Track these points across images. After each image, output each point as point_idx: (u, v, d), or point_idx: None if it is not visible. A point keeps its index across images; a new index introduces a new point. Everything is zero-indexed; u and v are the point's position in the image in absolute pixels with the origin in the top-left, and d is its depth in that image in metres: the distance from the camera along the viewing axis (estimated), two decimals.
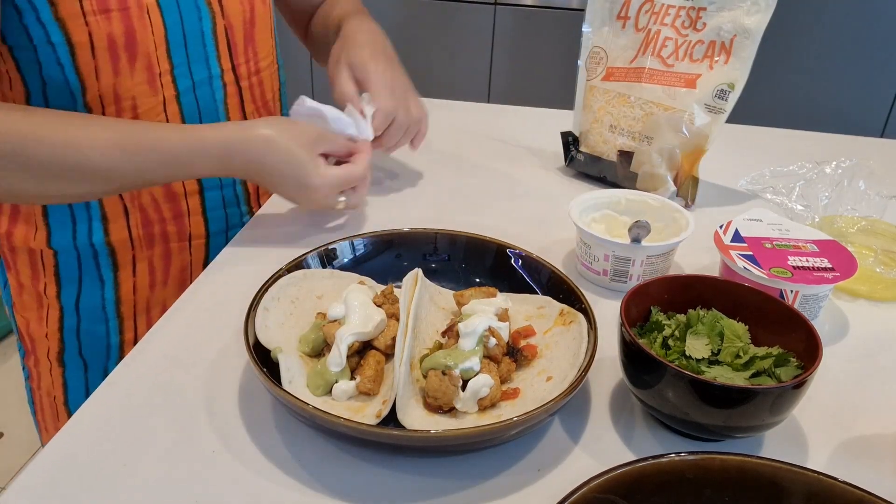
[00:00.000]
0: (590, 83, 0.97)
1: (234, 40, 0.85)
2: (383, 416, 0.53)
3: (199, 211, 0.88)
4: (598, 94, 0.96)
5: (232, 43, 0.85)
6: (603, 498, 0.42)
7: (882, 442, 0.56)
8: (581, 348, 0.57)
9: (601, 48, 0.96)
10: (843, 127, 1.35)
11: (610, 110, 0.94)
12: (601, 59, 0.96)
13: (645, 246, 0.70)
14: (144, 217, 0.84)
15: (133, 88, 0.77)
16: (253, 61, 0.88)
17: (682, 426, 0.55)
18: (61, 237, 0.83)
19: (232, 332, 0.65)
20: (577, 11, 2.22)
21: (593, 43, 0.97)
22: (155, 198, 0.84)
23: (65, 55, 0.72)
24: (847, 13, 2.04)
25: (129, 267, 0.86)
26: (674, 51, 0.89)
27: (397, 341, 0.56)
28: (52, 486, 0.50)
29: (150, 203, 0.84)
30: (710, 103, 0.88)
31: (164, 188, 0.84)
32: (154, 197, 0.84)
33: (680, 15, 0.89)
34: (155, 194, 0.84)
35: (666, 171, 0.89)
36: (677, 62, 0.89)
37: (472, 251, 0.71)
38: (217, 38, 0.83)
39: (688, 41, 0.89)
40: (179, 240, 0.88)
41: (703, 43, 0.88)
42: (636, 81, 0.91)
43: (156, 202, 0.84)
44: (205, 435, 0.54)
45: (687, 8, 0.89)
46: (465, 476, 0.52)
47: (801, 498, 0.43)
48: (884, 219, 0.85)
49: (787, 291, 0.66)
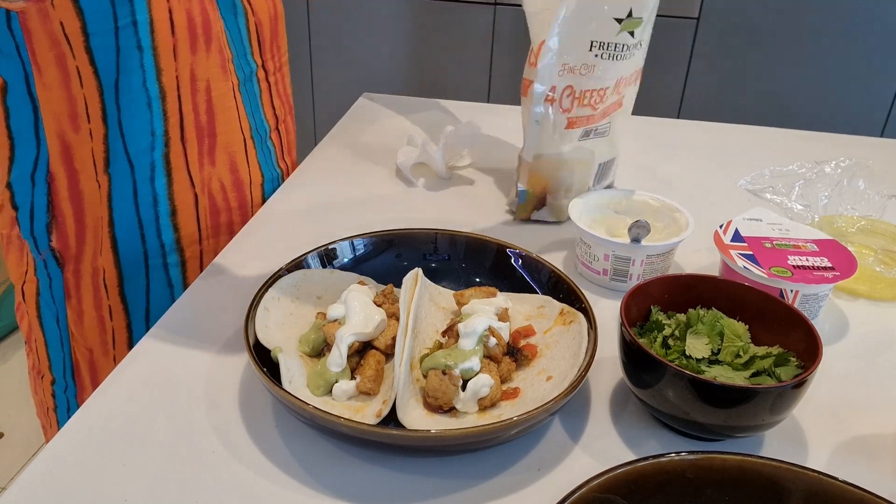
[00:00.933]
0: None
1: (263, 37, 0.86)
2: (383, 416, 0.53)
3: (260, 203, 0.89)
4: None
5: (262, 39, 0.86)
6: (603, 498, 0.42)
7: (882, 441, 0.56)
8: (581, 348, 0.57)
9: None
10: (842, 127, 1.35)
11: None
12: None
13: (645, 246, 0.70)
14: (213, 206, 0.83)
15: (209, 70, 0.76)
16: (277, 56, 0.90)
17: (682, 426, 0.55)
18: (129, 244, 0.78)
19: (232, 332, 0.65)
20: None
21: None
22: (223, 185, 0.83)
23: (145, 35, 0.70)
24: (847, 13, 2.05)
25: (196, 264, 0.83)
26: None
27: (397, 341, 0.56)
28: (53, 486, 0.50)
29: (218, 190, 0.83)
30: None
31: (232, 176, 0.84)
32: (223, 184, 0.83)
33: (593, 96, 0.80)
34: (224, 182, 0.83)
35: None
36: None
37: (472, 251, 0.71)
38: (251, 35, 0.84)
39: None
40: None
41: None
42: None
43: (224, 190, 0.83)
44: (205, 435, 0.54)
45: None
46: (465, 476, 0.52)
47: (801, 497, 0.43)
48: (884, 218, 0.85)
49: (787, 291, 0.66)
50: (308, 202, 0.90)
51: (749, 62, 2.15)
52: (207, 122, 0.79)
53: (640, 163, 1.05)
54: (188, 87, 0.76)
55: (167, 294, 0.82)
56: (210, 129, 0.79)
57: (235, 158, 0.84)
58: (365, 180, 0.96)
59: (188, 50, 0.74)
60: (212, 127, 0.79)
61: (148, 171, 0.75)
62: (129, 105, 0.72)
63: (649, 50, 0.89)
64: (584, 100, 0.77)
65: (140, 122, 0.73)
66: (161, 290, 0.81)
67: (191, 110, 0.77)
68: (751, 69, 2.16)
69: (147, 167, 0.75)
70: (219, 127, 0.80)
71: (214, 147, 0.80)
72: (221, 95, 0.79)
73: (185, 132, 0.77)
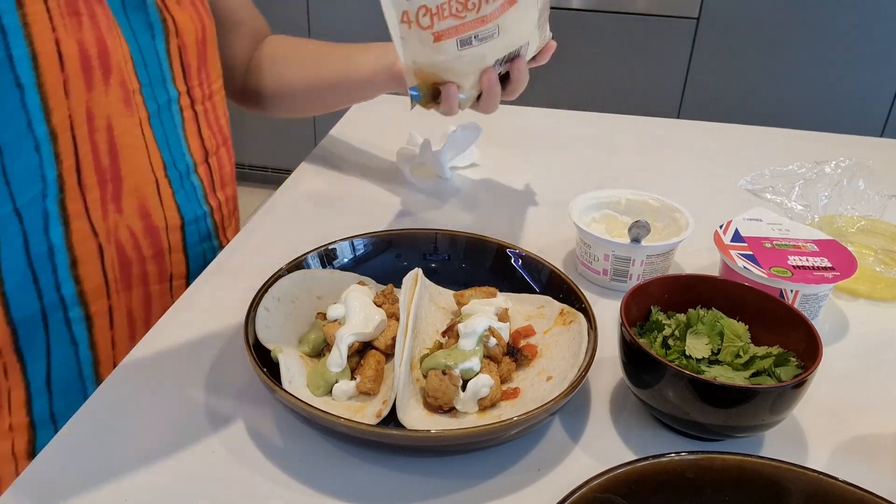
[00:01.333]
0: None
1: (187, 61, 0.78)
2: (383, 416, 0.53)
3: (181, 248, 0.79)
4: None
5: (186, 64, 0.78)
6: (603, 498, 0.42)
7: (882, 441, 0.56)
8: (581, 348, 0.57)
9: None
10: (842, 127, 1.35)
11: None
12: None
13: (645, 246, 0.70)
14: (122, 256, 0.73)
15: (109, 106, 0.68)
16: (206, 83, 0.82)
17: (682, 426, 0.55)
18: (23, 300, 0.67)
19: (232, 332, 0.65)
20: (577, 11, 2.22)
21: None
22: (133, 233, 0.74)
23: (26, 71, 0.61)
24: (846, 13, 2.05)
25: (105, 319, 0.73)
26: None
27: (397, 341, 0.56)
28: (52, 486, 0.49)
29: (127, 239, 0.74)
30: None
31: (143, 222, 0.74)
32: (132, 232, 0.74)
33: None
34: (134, 229, 0.74)
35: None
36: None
37: (472, 251, 0.71)
38: (171, 59, 0.76)
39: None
40: (160, 281, 0.78)
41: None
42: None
43: (134, 238, 0.74)
44: (205, 435, 0.54)
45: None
46: (465, 476, 0.52)
47: (801, 497, 0.43)
48: (883, 218, 0.85)
49: (787, 291, 0.66)
50: (308, 202, 0.90)
51: (749, 62, 2.15)
52: (111, 165, 0.70)
53: (640, 163, 1.05)
54: (84, 127, 0.67)
55: (70, 352, 0.72)
56: (114, 173, 0.70)
57: (147, 202, 0.74)
58: (365, 180, 0.96)
59: (82, 86, 0.65)
60: (116, 169, 0.70)
61: (41, 221, 0.66)
62: (12, 149, 0.62)
63: (649, 50, 0.88)
64: (442, 13, 0.71)
65: (27, 168, 0.63)
66: (63, 349, 0.71)
67: (89, 152, 0.67)
68: (751, 69, 2.16)
69: (39, 216, 0.66)
70: (124, 168, 0.71)
71: (120, 192, 0.71)
72: (125, 133, 0.70)
73: (83, 176, 0.67)
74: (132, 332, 0.76)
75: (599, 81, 2.27)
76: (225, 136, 0.87)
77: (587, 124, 1.20)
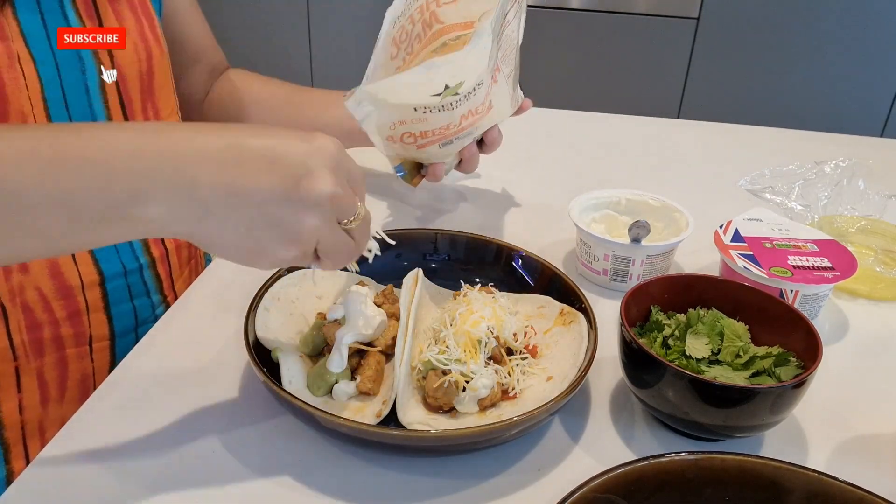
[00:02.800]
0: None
1: (128, 96, 0.71)
2: (383, 416, 0.53)
3: (101, 307, 0.72)
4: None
5: (126, 100, 0.71)
6: (603, 498, 0.42)
7: (882, 441, 0.56)
8: (581, 348, 0.57)
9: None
10: (842, 126, 1.35)
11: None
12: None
13: (645, 246, 0.70)
14: (30, 319, 0.67)
15: None
16: (153, 117, 0.74)
17: (682, 426, 0.55)
18: None
19: (232, 332, 0.65)
20: (577, 11, 2.22)
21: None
22: (43, 294, 0.67)
23: None
24: (846, 13, 2.05)
25: (11, 382, 0.68)
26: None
27: (397, 341, 0.56)
28: (52, 486, 0.49)
29: (36, 301, 0.67)
30: None
31: (54, 281, 0.67)
32: (42, 293, 0.67)
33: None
34: (43, 289, 0.67)
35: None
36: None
37: (472, 251, 0.71)
38: (106, 93, 0.69)
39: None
40: (77, 344, 0.71)
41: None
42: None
43: (44, 299, 0.67)
44: (205, 435, 0.54)
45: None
46: (465, 476, 0.52)
47: (802, 497, 0.43)
48: (883, 218, 0.85)
49: (787, 291, 0.66)
50: None
51: (749, 62, 2.15)
52: None
53: (640, 163, 1.05)
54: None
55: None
56: None
57: (57, 259, 0.68)
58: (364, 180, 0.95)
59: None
60: None
61: None
62: None
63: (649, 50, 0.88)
64: (426, 136, 0.75)
65: None
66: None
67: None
68: (751, 69, 2.16)
69: None
70: None
71: None
72: None
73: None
74: (44, 398, 0.70)
75: (599, 81, 2.27)
76: None
77: (587, 124, 1.20)
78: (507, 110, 0.81)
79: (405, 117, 0.72)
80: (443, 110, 0.72)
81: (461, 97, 0.71)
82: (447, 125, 0.74)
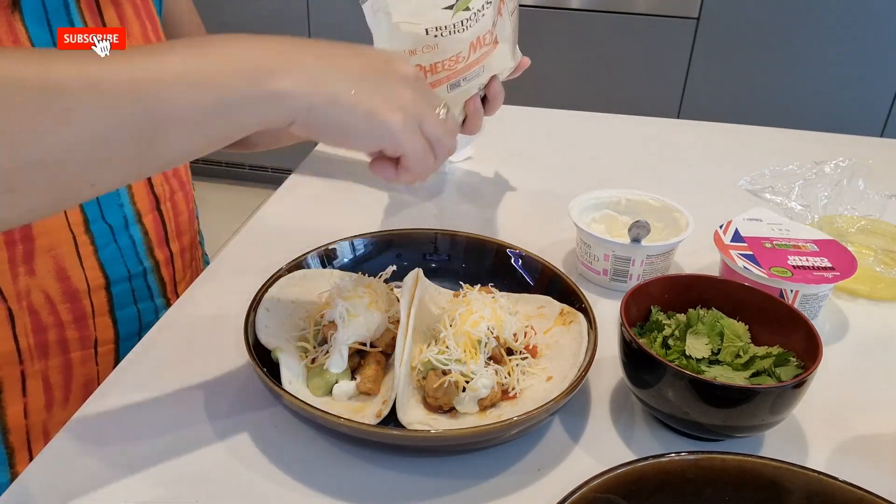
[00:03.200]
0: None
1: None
2: (383, 416, 0.53)
3: (106, 310, 0.72)
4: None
5: None
6: (603, 498, 0.42)
7: (882, 441, 0.56)
8: (581, 348, 0.57)
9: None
10: (842, 126, 1.35)
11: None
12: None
13: (645, 246, 0.70)
14: (36, 322, 0.67)
15: None
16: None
17: (682, 426, 0.55)
18: None
19: (232, 331, 0.65)
20: (577, 11, 2.22)
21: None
22: (49, 297, 0.67)
23: None
24: (846, 13, 2.05)
25: (16, 386, 0.68)
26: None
27: (397, 341, 0.56)
28: (53, 486, 0.49)
29: (42, 304, 0.67)
30: None
31: (60, 284, 0.68)
32: (48, 296, 0.67)
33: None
34: (49, 292, 0.67)
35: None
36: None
37: (472, 251, 0.71)
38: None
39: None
40: (82, 348, 0.71)
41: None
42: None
43: (50, 302, 0.67)
44: (205, 435, 0.54)
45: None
46: (465, 476, 0.52)
47: (802, 497, 0.43)
48: (883, 218, 0.85)
49: (787, 291, 0.66)
50: (308, 202, 0.90)
51: (749, 62, 2.15)
52: None
53: (640, 163, 1.05)
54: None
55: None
56: (24, 231, 0.64)
57: (64, 263, 0.68)
58: (365, 180, 0.96)
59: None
60: (26, 228, 0.65)
61: None
62: None
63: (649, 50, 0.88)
64: (436, 70, 0.74)
65: None
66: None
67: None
68: (750, 69, 2.16)
69: None
70: (36, 227, 0.65)
71: (32, 252, 0.65)
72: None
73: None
74: (49, 401, 0.70)
75: (599, 81, 2.27)
76: (182, 179, 0.80)
77: (587, 124, 1.20)
78: (510, 59, 0.80)
79: (416, 45, 0.72)
80: (454, 32, 0.72)
81: (472, 14, 0.71)
82: (457, 55, 0.74)
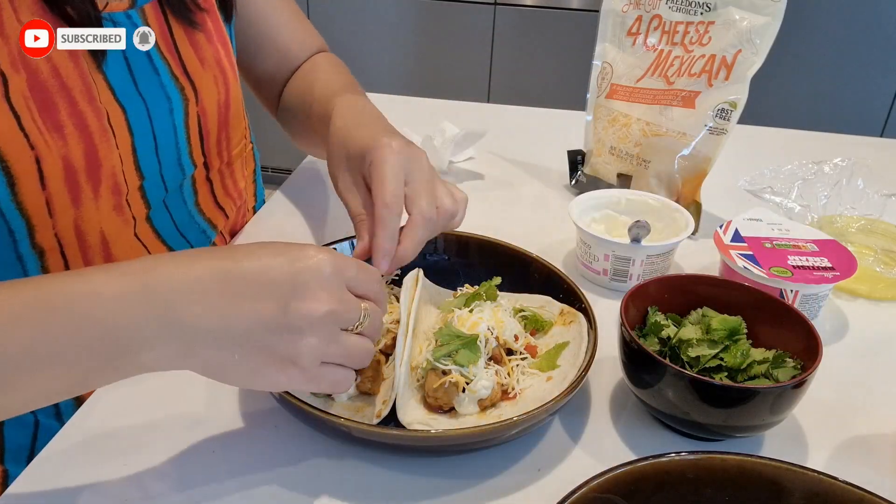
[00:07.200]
0: (597, 100, 0.92)
1: (206, 128, 0.72)
2: (383, 416, 0.53)
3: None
4: (602, 113, 0.91)
5: (204, 132, 0.72)
6: (603, 498, 0.42)
7: (882, 441, 0.56)
8: (581, 348, 0.57)
9: (609, 64, 0.90)
10: (842, 126, 1.35)
11: (612, 131, 0.89)
12: (607, 75, 0.90)
13: (645, 246, 0.70)
14: None
15: (100, 221, 0.64)
16: (226, 149, 0.77)
17: (682, 426, 0.55)
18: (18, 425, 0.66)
19: None
20: (577, 11, 2.22)
21: (602, 58, 0.91)
22: None
23: (1, 188, 0.57)
24: (847, 13, 2.05)
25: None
26: (678, 68, 0.84)
27: (397, 341, 0.56)
28: (52, 486, 0.49)
29: None
30: (711, 124, 0.83)
31: None
32: None
33: (689, 31, 0.83)
34: None
35: (665, 196, 0.83)
36: (678, 79, 0.84)
37: (472, 251, 0.71)
38: (189, 130, 0.70)
39: (692, 56, 0.83)
40: None
41: (704, 57, 0.82)
42: (637, 101, 0.87)
43: None
44: (205, 435, 0.54)
45: (696, 23, 0.83)
46: (465, 476, 0.52)
47: (802, 497, 0.43)
48: (883, 218, 0.85)
49: (787, 291, 0.66)
50: (308, 202, 0.90)
51: None
52: None
53: None
54: (75, 244, 0.63)
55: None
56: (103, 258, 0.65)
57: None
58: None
59: (69, 203, 0.61)
60: (106, 255, 0.66)
61: None
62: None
63: None
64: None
65: None
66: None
67: (81, 265, 0.63)
68: None
69: None
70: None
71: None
72: (118, 239, 0.66)
73: None
74: (58, 417, 0.69)
75: None
76: (244, 198, 0.83)
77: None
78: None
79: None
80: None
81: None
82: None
